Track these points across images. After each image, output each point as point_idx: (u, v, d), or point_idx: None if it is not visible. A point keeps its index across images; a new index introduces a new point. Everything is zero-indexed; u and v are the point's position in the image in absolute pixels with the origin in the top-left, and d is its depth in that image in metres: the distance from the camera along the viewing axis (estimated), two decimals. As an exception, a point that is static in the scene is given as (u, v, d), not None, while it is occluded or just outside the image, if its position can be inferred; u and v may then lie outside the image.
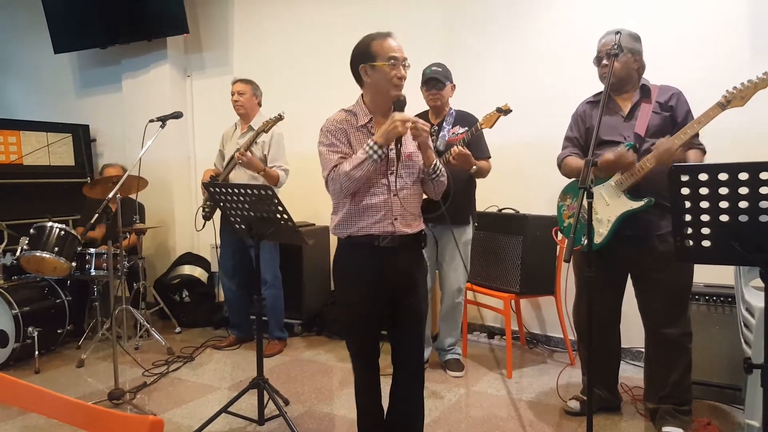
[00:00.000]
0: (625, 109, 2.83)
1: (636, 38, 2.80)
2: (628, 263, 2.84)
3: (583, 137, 2.97)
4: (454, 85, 3.65)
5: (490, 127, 3.27)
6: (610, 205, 2.74)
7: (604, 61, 2.76)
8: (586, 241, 2.63)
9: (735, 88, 2.45)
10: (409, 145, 2.32)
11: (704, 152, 2.71)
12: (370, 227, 2.25)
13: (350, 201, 2.27)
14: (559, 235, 3.45)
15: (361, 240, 2.26)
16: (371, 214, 2.25)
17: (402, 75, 2.24)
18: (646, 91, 2.81)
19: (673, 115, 2.75)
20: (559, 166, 3.03)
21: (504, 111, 3.16)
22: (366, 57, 2.26)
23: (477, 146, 3.51)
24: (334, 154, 2.25)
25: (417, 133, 2.22)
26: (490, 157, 3.62)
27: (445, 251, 3.68)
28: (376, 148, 2.16)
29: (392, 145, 2.21)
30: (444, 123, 3.62)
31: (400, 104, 2.25)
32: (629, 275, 2.90)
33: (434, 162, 2.32)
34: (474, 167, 3.42)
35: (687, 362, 2.75)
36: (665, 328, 2.73)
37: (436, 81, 3.54)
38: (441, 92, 3.55)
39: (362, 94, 2.37)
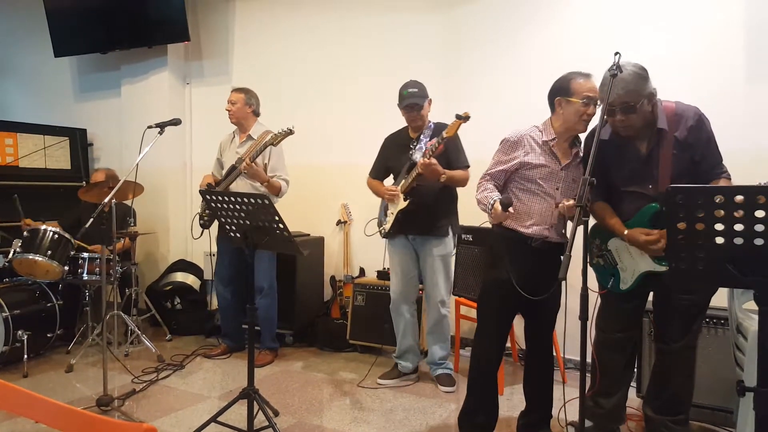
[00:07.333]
0: (642, 149, 2.57)
1: (644, 76, 2.45)
2: (651, 289, 2.77)
3: (603, 174, 2.67)
4: (431, 100, 3.69)
5: (452, 135, 3.28)
6: (634, 259, 2.63)
7: (619, 117, 2.46)
8: (611, 284, 2.68)
9: None
10: None
11: (730, 179, 2.54)
12: None
13: None
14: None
15: None
16: None
17: (591, 113, 2.62)
18: (662, 133, 2.52)
19: (693, 155, 2.50)
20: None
21: (464, 117, 3.16)
22: (564, 91, 2.64)
23: (455, 156, 3.59)
24: (494, 165, 2.77)
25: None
26: (468, 167, 3.63)
27: (426, 264, 3.72)
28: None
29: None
30: (422, 136, 3.66)
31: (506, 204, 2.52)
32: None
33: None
34: (443, 176, 3.42)
35: (687, 373, 2.71)
36: (673, 342, 2.68)
37: (414, 105, 3.59)
38: (420, 113, 3.62)
39: (552, 118, 2.74)
